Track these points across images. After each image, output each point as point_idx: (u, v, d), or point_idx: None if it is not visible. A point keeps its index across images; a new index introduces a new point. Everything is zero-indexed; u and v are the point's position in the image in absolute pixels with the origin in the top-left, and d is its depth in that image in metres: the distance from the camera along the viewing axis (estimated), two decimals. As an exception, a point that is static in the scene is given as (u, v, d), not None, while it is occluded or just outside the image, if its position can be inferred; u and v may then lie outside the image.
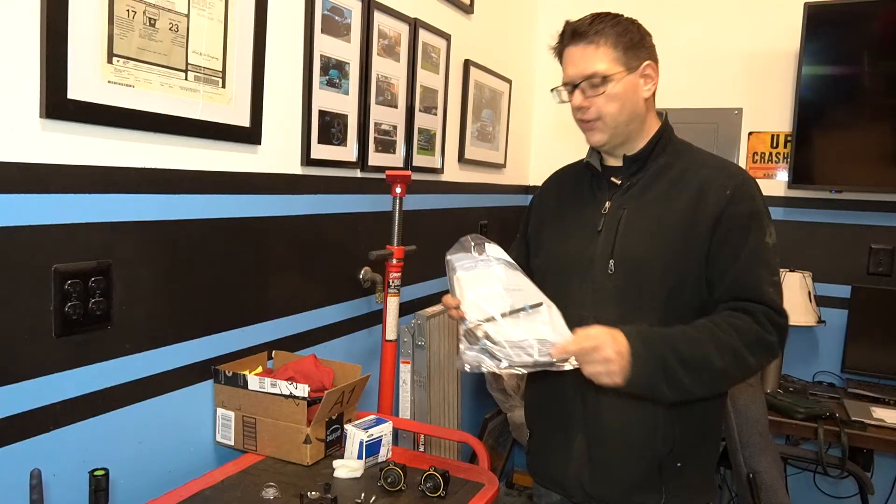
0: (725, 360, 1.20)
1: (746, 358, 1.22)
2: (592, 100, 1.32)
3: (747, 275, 1.27)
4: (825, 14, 2.67)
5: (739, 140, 3.04)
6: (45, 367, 1.20)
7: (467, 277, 1.26)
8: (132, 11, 1.27)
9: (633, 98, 1.33)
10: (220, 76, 1.49)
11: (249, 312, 1.66)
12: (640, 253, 1.31)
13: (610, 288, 1.32)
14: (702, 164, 1.36)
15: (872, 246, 2.81)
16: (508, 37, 3.10)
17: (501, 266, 1.29)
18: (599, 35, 1.30)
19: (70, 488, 1.25)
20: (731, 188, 1.29)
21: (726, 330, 1.22)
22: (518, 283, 1.28)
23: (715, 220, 1.28)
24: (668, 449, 1.31)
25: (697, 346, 1.20)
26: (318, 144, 1.84)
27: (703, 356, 1.20)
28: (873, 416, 2.41)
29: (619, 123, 1.33)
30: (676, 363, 1.19)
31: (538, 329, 1.21)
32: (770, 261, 1.29)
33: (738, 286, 1.27)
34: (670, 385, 1.19)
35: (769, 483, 2.03)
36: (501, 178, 3.17)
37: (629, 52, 1.31)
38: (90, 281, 1.25)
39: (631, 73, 1.31)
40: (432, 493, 1.39)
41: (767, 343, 1.24)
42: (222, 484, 1.40)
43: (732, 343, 1.21)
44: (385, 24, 2.10)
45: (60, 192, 1.19)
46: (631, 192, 1.36)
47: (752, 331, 1.23)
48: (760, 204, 1.31)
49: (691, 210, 1.30)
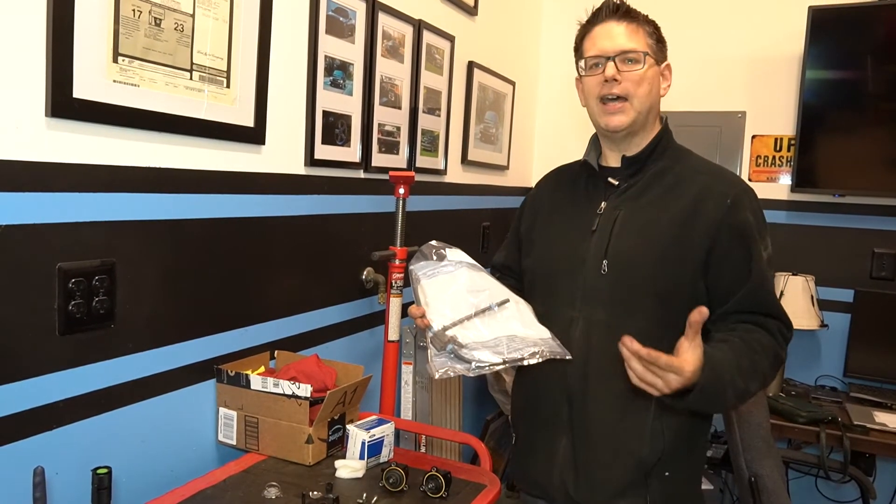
0: (758, 381, 1.25)
1: (768, 375, 1.27)
2: (625, 75, 1.31)
3: (760, 289, 1.28)
4: (829, 18, 2.67)
5: (742, 143, 3.04)
6: (49, 365, 1.20)
7: (430, 284, 1.27)
8: (138, 11, 1.28)
9: (656, 89, 1.35)
10: (224, 76, 1.49)
11: (252, 312, 1.66)
12: (634, 254, 1.30)
13: (602, 288, 1.31)
14: (700, 170, 1.35)
15: (875, 250, 2.80)
16: (512, 39, 3.10)
17: (464, 269, 1.30)
18: (640, 20, 1.34)
19: (73, 486, 1.25)
20: (731, 197, 1.29)
21: (758, 350, 1.24)
22: (482, 283, 1.29)
23: (715, 227, 1.27)
24: (657, 457, 1.30)
25: (749, 372, 1.23)
26: (321, 145, 1.85)
27: (754, 379, 1.24)
28: (875, 421, 2.41)
29: (643, 108, 1.33)
30: (740, 378, 1.21)
31: (507, 326, 1.23)
32: (771, 274, 1.32)
33: (752, 301, 1.28)
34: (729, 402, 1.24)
35: (771, 487, 2.03)
36: (504, 179, 3.17)
37: (660, 45, 1.36)
38: (94, 280, 1.25)
39: (658, 65, 1.35)
40: (434, 493, 1.39)
41: (780, 359, 1.29)
42: (224, 483, 1.40)
43: (761, 365, 1.24)
44: (389, 25, 2.10)
45: (65, 190, 1.20)
46: (628, 193, 1.35)
47: (773, 348, 1.27)
48: (760, 214, 1.32)
49: (688, 215, 1.29)
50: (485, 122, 2.86)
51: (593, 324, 1.30)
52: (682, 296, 1.28)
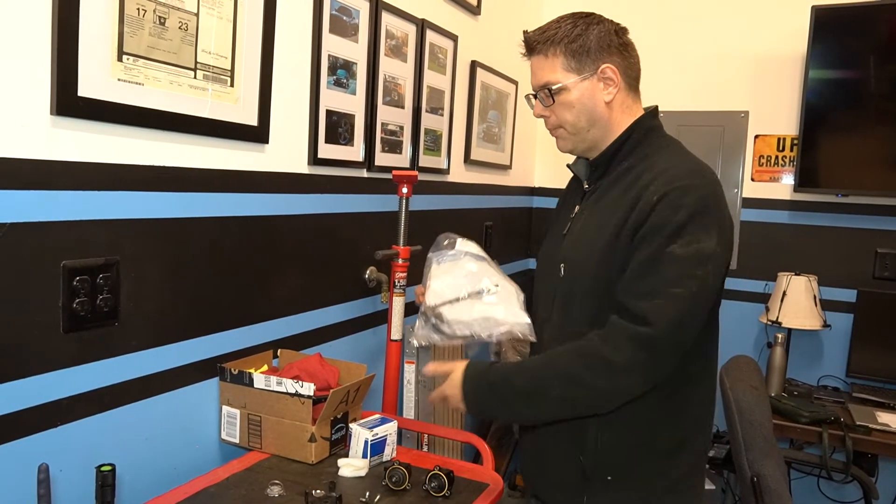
0: (561, 386, 1.21)
1: (588, 381, 1.19)
2: (550, 109, 1.33)
3: (627, 286, 1.20)
4: (832, 17, 2.67)
5: (745, 143, 3.04)
6: (53, 362, 1.20)
7: (437, 269, 1.42)
8: (142, 10, 1.28)
9: (589, 104, 1.30)
10: (228, 75, 1.49)
11: (255, 311, 1.66)
12: (577, 258, 1.31)
13: (559, 292, 1.34)
14: (654, 167, 1.27)
15: (878, 250, 2.80)
16: (515, 38, 3.08)
17: (470, 258, 1.43)
18: (549, 44, 1.30)
19: (76, 483, 1.25)
20: (659, 195, 1.20)
21: (568, 357, 1.22)
22: (483, 271, 1.41)
23: (636, 228, 1.21)
24: (592, 461, 1.28)
25: (532, 378, 1.25)
26: (325, 144, 1.85)
27: (538, 386, 1.24)
28: (878, 421, 2.41)
29: (579, 130, 1.32)
30: (513, 398, 1.27)
31: (490, 309, 1.35)
32: (666, 271, 1.17)
33: (617, 297, 1.21)
34: (510, 412, 1.33)
35: (773, 487, 2.03)
36: (507, 179, 3.17)
37: (582, 58, 1.28)
38: (98, 278, 1.25)
39: (585, 79, 1.29)
40: (437, 492, 1.39)
41: (612, 363, 1.17)
42: (227, 481, 1.40)
43: (570, 369, 1.21)
44: (392, 24, 2.10)
45: (70, 188, 1.20)
46: (592, 197, 1.36)
47: (596, 352, 1.19)
48: (684, 211, 1.18)
49: (624, 218, 1.23)
50: (487, 121, 2.86)
51: (550, 324, 1.35)
52: (613, 297, 1.23)
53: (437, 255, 1.44)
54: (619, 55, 1.30)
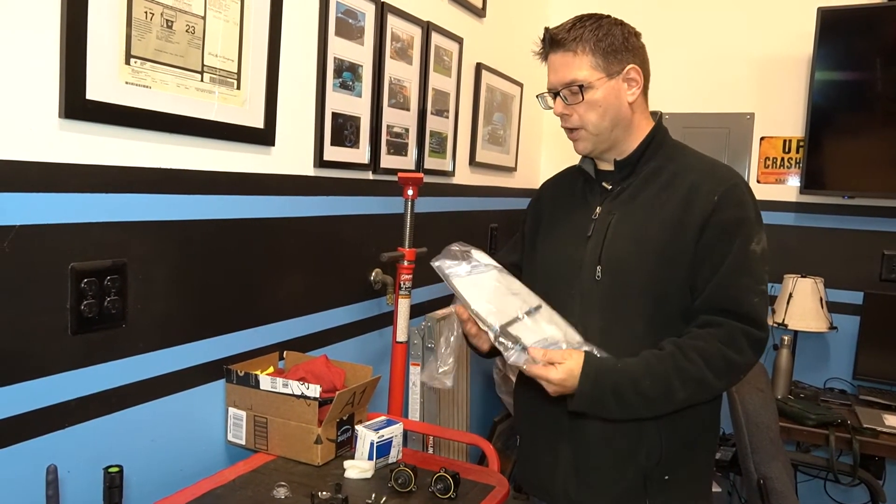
0: (688, 390, 1.22)
1: (712, 383, 1.23)
2: (573, 108, 1.31)
3: (729, 284, 1.24)
4: (838, 19, 2.66)
5: (751, 145, 3.03)
6: (61, 364, 1.21)
7: (465, 284, 1.28)
8: (150, 13, 1.29)
9: (615, 104, 1.30)
10: (235, 78, 1.50)
11: (261, 313, 1.67)
12: (625, 259, 1.29)
13: (596, 294, 1.30)
14: (692, 167, 1.32)
15: (885, 252, 2.79)
16: (520, 40, 3.10)
17: (495, 272, 1.33)
18: (578, 41, 1.29)
19: (85, 485, 1.26)
20: (718, 194, 1.25)
21: (693, 359, 1.21)
22: (513, 286, 1.32)
23: (701, 226, 1.25)
24: (655, 462, 1.29)
25: (660, 382, 1.21)
26: (330, 146, 1.85)
27: (665, 391, 1.21)
28: (885, 424, 2.40)
29: (601, 131, 1.32)
30: (637, 402, 1.22)
31: (549, 327, 1.26)
32: (755, 269, 1.25)
33: (718, 296, 1.24)
34: (624, 413, 1.25)
35: (780, 489, 2.02)
36: (512, 181, 3.17)
37: (610, 57, 1.28)
38: (105, 280, 1.26)
39: (612, 78, 1.29)
40: (443, 494, 1.39)
41: (735, 364, 1.24)
42: (233, 483, 1.40)
43: (697, 374, 1.21)
44: (398, 27, 2.10)
45: (77, 191, 1.21)
46: (621, 197, 1.34)
47: (719, 355, 1.22)
48: (750, 209, 1.27)
49: (679, 215, 1.26)
50: (493, 123, 2.87)
51: (590, 330, 1.29)
52: (675, 297, 1.27)
53: (454, 268, 1.31)
54: (640, 57, 1.32)
